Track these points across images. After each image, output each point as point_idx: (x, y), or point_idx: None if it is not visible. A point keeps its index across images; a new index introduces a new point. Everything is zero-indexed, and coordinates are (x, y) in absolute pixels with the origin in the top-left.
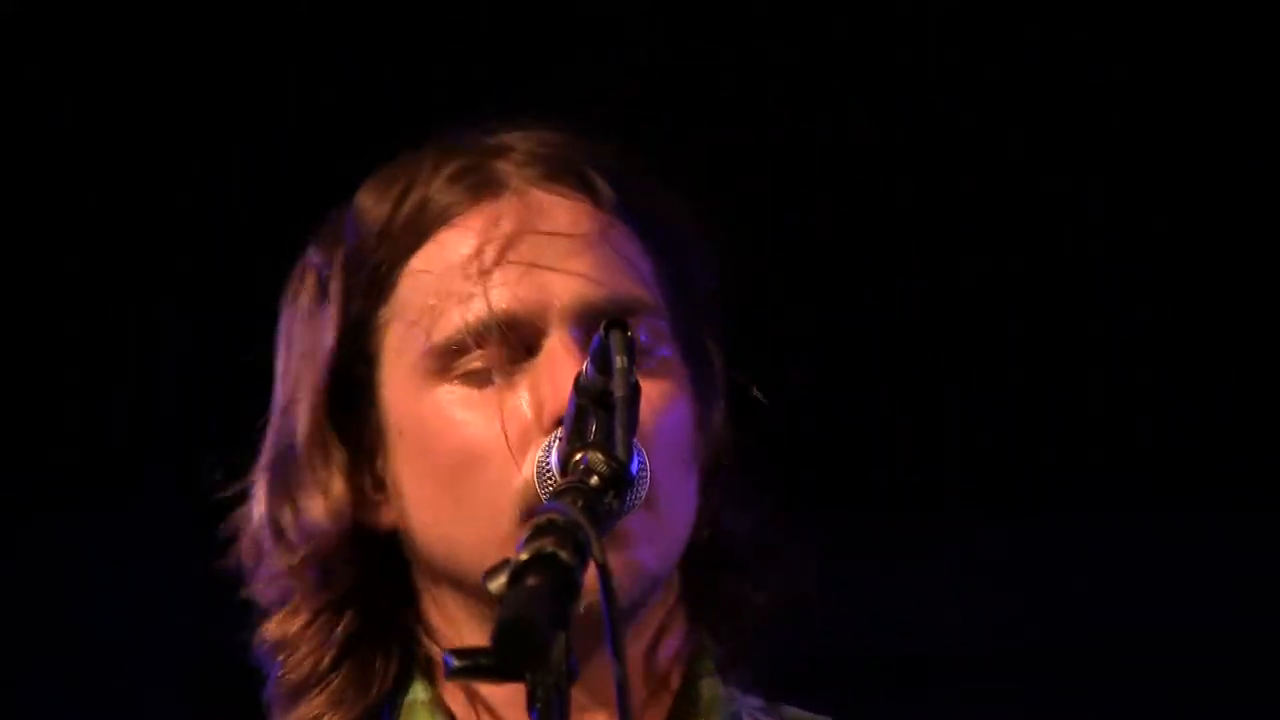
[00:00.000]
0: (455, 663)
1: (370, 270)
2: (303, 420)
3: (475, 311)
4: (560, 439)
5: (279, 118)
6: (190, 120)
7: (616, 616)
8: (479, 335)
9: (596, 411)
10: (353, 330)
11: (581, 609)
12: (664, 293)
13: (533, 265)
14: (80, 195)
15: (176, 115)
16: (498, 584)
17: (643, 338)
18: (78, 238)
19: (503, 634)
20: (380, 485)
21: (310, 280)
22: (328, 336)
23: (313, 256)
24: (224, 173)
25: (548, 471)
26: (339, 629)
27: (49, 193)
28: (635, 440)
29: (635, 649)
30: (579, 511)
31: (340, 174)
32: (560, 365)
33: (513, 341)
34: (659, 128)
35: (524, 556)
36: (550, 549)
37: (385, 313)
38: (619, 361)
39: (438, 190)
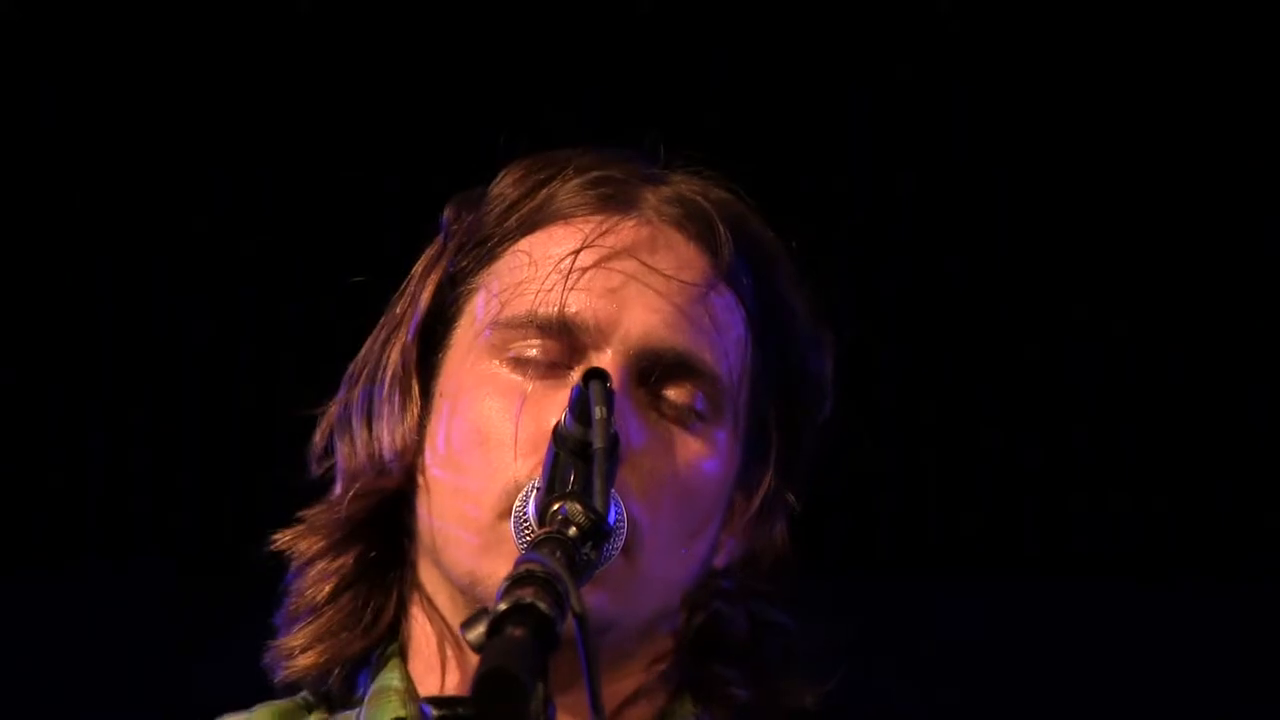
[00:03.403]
0: (434, 713)
1: (481, 239)
2: (393, 359)
3: (549, 302)
4: (538, 489)
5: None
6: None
7: (596, 670)
8: (543, 325)
9: (575, 462)
10: (447, 287)
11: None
12: (742, 366)
13: (621, 287)
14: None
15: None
16: (476, 634)
17: (698, 405)
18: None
19: (483, 685)
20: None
21: (438, 232)
22: (428, 288)
23: (448, 215)
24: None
25: (525, 521)
26: (346, 562)
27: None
28: (614, 491)
29: (610, 695)
30: (557, 562)
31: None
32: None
33: (568, 346)
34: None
35: (503, 607)
36: (529, 600)
37: (477, 280)
38: (599, 412)
39: (570, 190)
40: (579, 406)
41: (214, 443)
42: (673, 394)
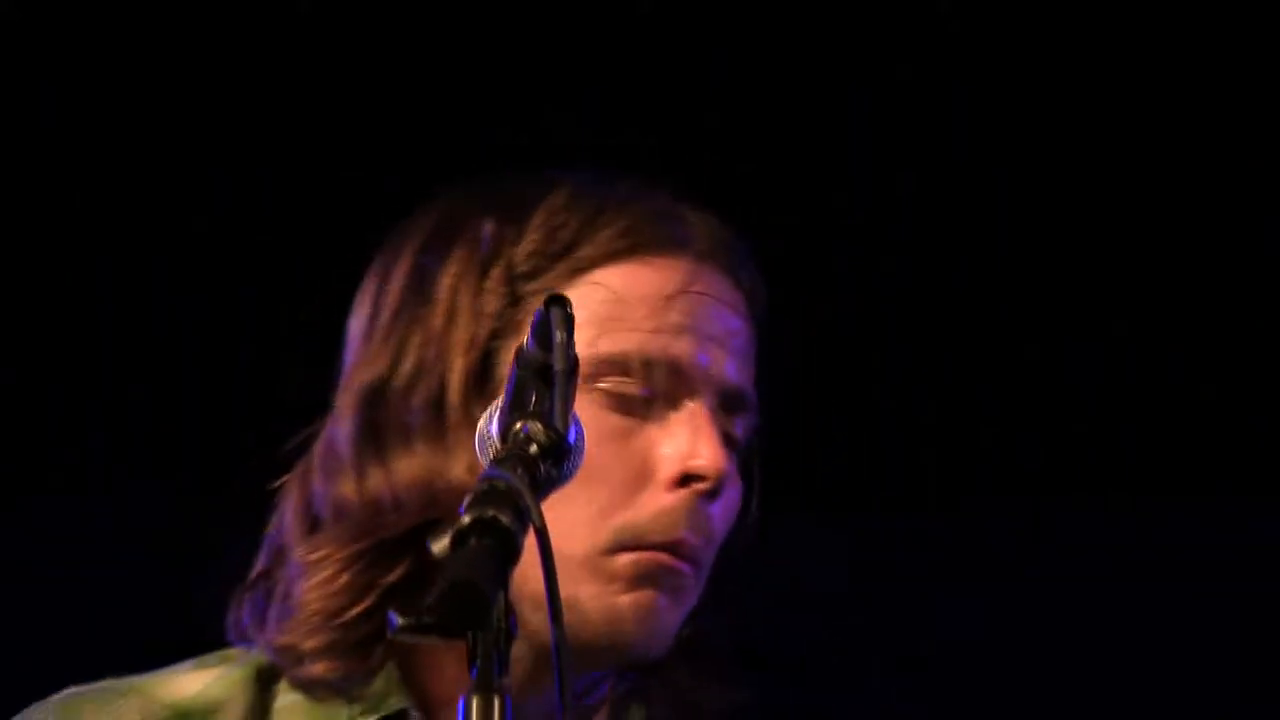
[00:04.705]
0: (400, 621)
1: (554, 257)
2: (455, 378)
3: (653, 345)
4: (500, 409)
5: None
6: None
7: (555, 583)
8: (645, 365)
9: (536, 384)
10: (512, 303)
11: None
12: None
13: (711, 334)
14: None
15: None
16: (441, 545)
17: (739, 432)
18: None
19: (448, 595)
20: None
21: (474, 243)
22: (492, 301)
23: (490, 230)
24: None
25: (489, 438)
26: (380, 580)
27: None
28: (573, 412)
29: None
30: (519, 479)
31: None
32: (707, 429)
33: (664, 386)
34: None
35: (466, 520)
36: (492, 513)
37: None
38: (559, 336)
39: (641, 220)
40: (540, 330)
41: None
42: (728, 425)
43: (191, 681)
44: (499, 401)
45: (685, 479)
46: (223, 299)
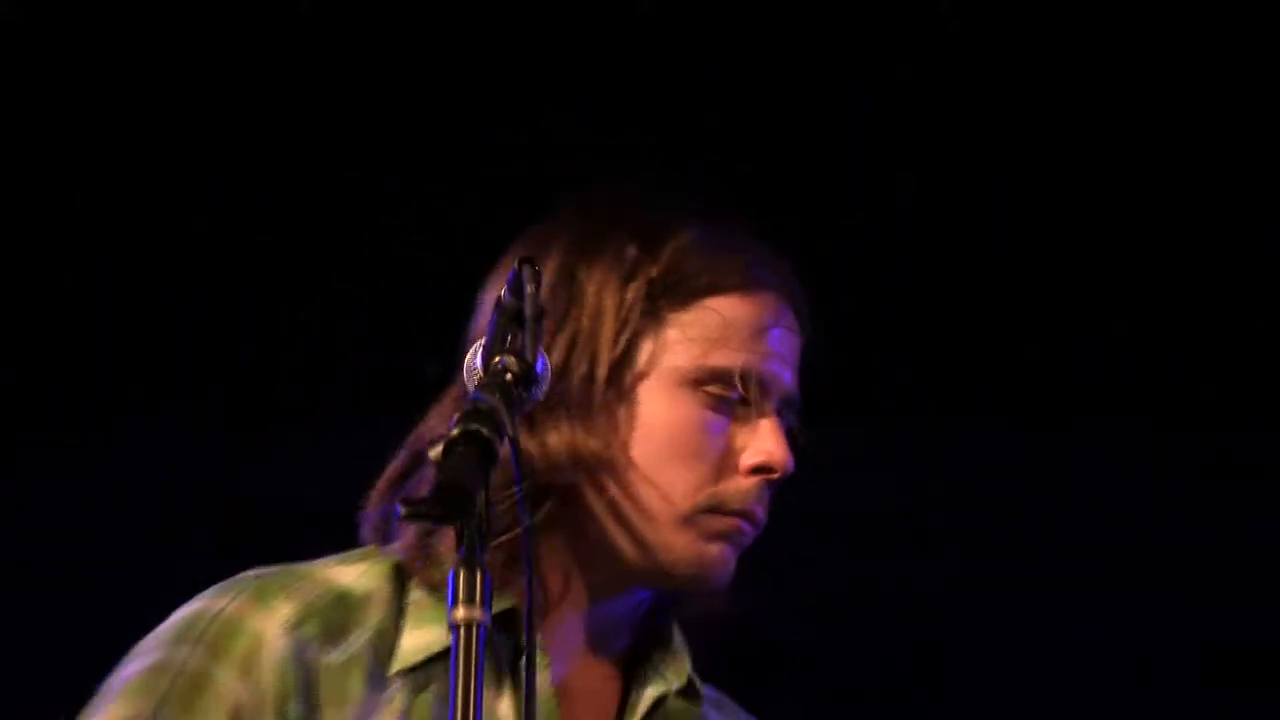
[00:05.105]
0: (403, 510)
1: (681, 284)
2: (601, 370)
3: (746, 362)
4: (483, 347)
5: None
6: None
7: (524, 481)
8: (741, 377)
9: (511, 327)
10: (636, 305)
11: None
12: None
13: (785, 356)
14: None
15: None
16: (435, 452)
17: (790, 423)
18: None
19: (441, 491)
20: None
21: (613, 253)
22: (631, 308)
23: (625, 242)
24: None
25: (474, 370)
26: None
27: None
28: (540, 348)
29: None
30: (498, 400)
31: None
32: (779, 434)
33: (751, 394)
34: None
35: (455, 432)
36: (475, 427)
37: (667, 318)
38: (529, 289)
39: (746, 264)
40: (515, 285)
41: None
42: (788, 420)
43: (346, 572)
44: (482, 340)
45: (759, 469)
46: (222, 299)
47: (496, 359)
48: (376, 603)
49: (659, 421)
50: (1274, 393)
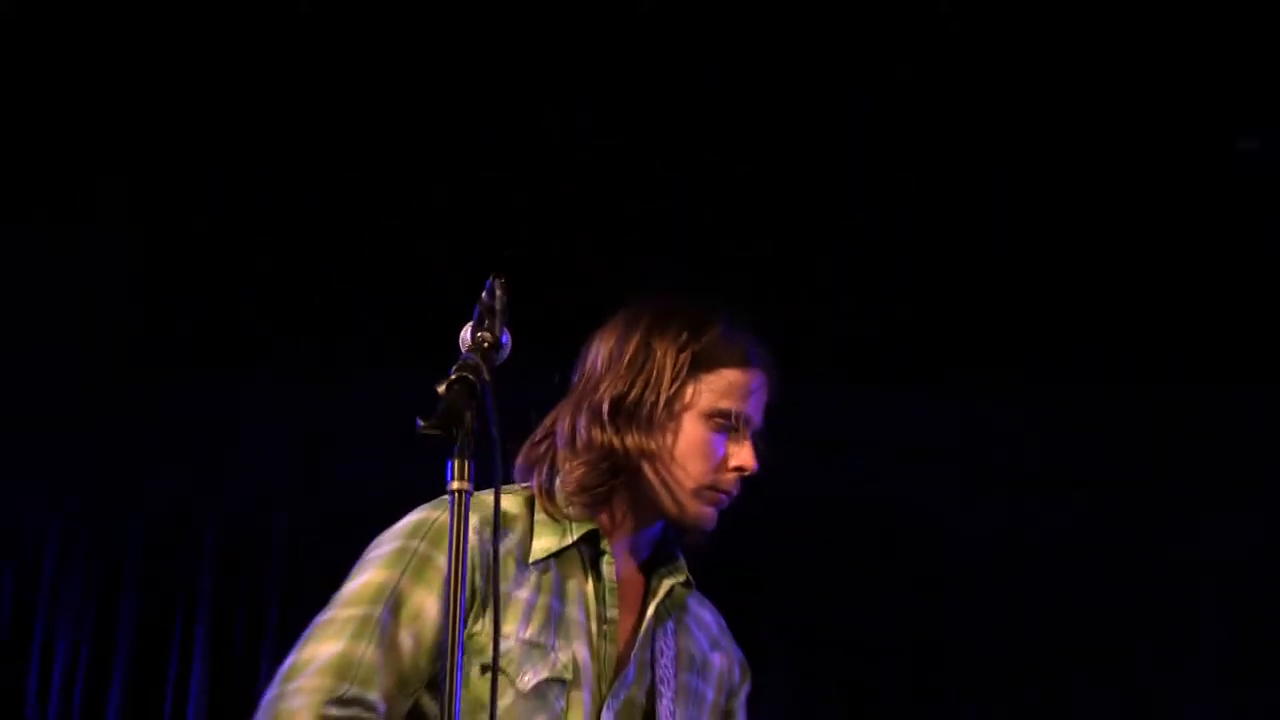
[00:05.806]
0: (422, 424)
1: (705, 353)
2: (661, 398)
3: (739, 408)
4: (470, 327)
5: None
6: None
7: (492, 402)
8: (735, 416)
9: (488, 316)
10: (684, 367)
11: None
12: None
13: (759, 405)
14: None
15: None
16: (441, 387)
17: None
18: None
19: (443, 412)
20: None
21: (674, 334)
22: (680, 369)
23: (679, 324)
24: None
25: (464, 341)
26: (607, 472)
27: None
28: (504, 329)
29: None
30: (479, 357)
31: None
32: (751, 449)
33: (738, 425)
34: None
35: (453, 377)
36: (465, 374)
37: (700, 373)
38: (499, 292)
39: (747, 350)
40: (490, 292)
41: None
42: (756, 438)
43: (506, 500)
44: (471, 322)
45: (738, 469)
46: (222, 298)
47: (479, 334)
48: (520, 518)
49: (687, 436)
50: None
